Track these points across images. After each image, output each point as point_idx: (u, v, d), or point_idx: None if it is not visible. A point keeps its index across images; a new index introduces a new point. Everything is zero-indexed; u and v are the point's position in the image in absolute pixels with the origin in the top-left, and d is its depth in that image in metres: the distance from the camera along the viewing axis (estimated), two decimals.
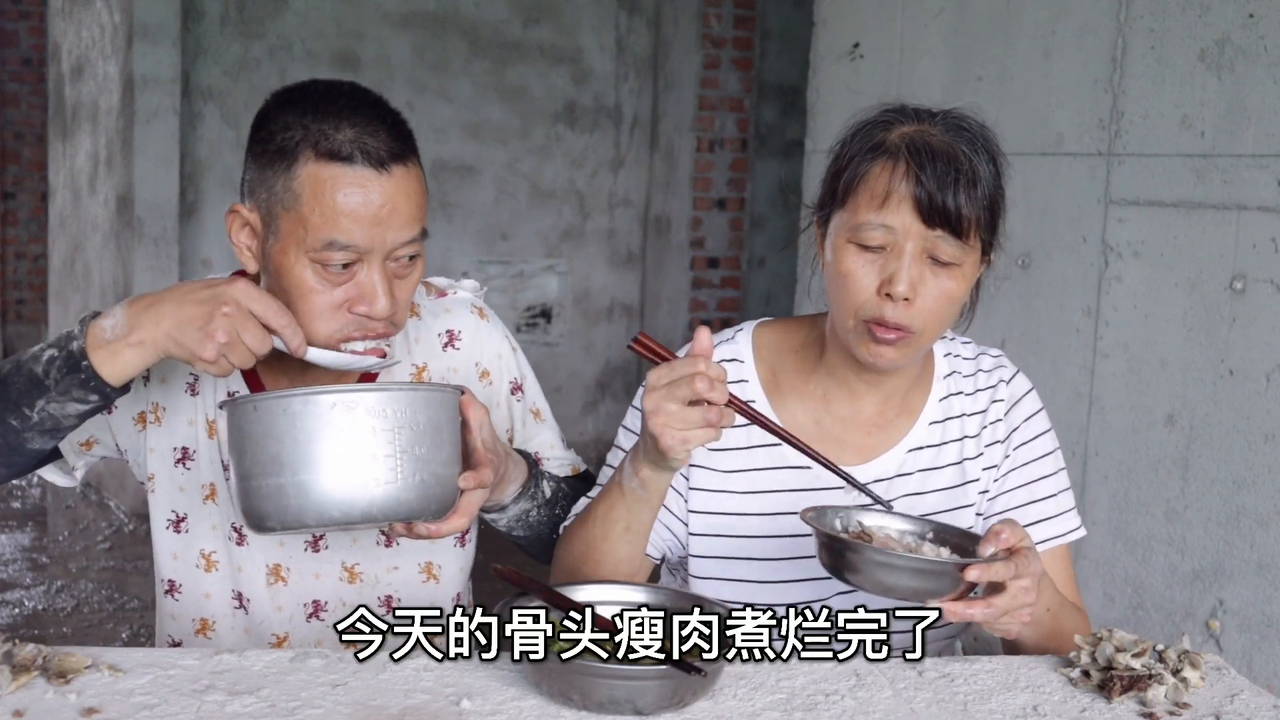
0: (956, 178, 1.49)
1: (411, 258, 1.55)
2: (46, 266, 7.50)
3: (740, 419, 1.49)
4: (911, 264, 1.49)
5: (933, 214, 1.48)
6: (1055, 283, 3.11)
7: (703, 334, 1.42)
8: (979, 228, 1.51)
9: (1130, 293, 2.93)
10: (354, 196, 1.48)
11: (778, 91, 6.57)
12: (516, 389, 1.80)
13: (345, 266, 1.50)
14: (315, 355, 1.50)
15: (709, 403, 1.40)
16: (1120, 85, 2.96)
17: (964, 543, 1.47)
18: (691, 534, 1.65)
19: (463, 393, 1.50)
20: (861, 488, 1.52)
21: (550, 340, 6.49)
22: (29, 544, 5.27)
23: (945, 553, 1.47)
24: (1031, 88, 3.20)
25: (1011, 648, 1.59)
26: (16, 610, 4.57)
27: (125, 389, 1.51)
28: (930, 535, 1.50)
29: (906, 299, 1.49)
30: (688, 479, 1.65)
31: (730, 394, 1.43)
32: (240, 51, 5.63)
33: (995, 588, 1.40)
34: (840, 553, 1.42)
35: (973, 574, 1.37)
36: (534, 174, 6.33)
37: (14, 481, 5.98)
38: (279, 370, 1.64)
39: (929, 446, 1.66)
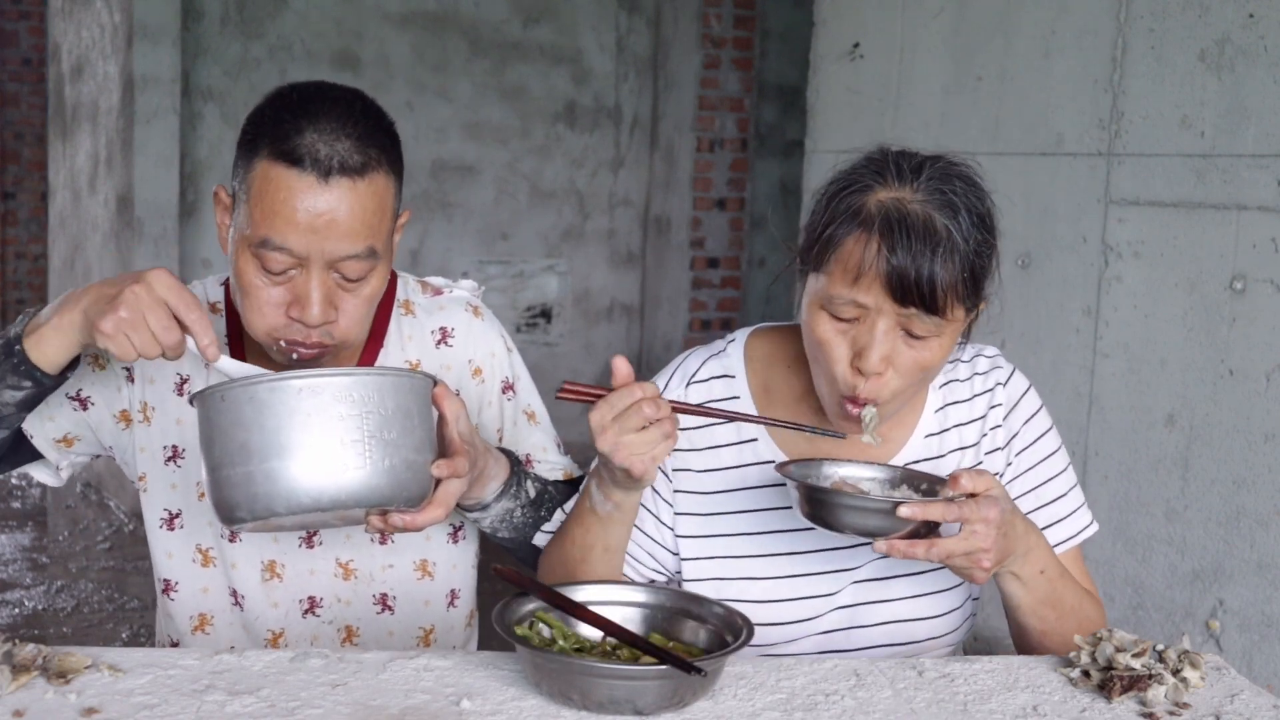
0: (932, 255, 1.44)
1: (359, 277, 1.53)
2: (46, 266, 7.50)
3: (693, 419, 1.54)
4: (883, 339, 1.47)
5: (906, 294, 1.45)
6: (1055, 283, 3.11)
7: (619, 362, 1.46)
8: (958, 299, 1.47)
9: (1130, 293, 2.93)
10: (292, 201, 1.47)
11: (778, 91, 6.58)
12: (508, 388, 1.79)
13: (284, 270, 1.50)
14: (225, 365, 1.49)
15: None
16: (1120, 85, 2.96)
17: (938, 489, 1.49)
18: (683, 559, 1.64)
19: (435, 384, 1.48)
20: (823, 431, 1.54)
21: (550, 340, 6.49)
22: (29, 544, 5.27)
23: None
24: (1031, 88, 3.20)
25: (1012, 614, 1.58)
26: (16, 610, 4.57)
27: (62, 378, 1.51)
28: (924, 486, 1.52)
29: (878, 373, 1.48)
30: (672, 505, 1.64)
31: (670, 401, 1.47)
32: (240, 51, 5.63)
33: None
34: (810, 498, 1.45)
35: (904, 510, 1.38)
36: (534, 174, 6.33)
37: (14, 481, 5.99)
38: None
39: (927, 459, 1.63)
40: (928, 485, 1.51)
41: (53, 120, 6.66)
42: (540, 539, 1.69)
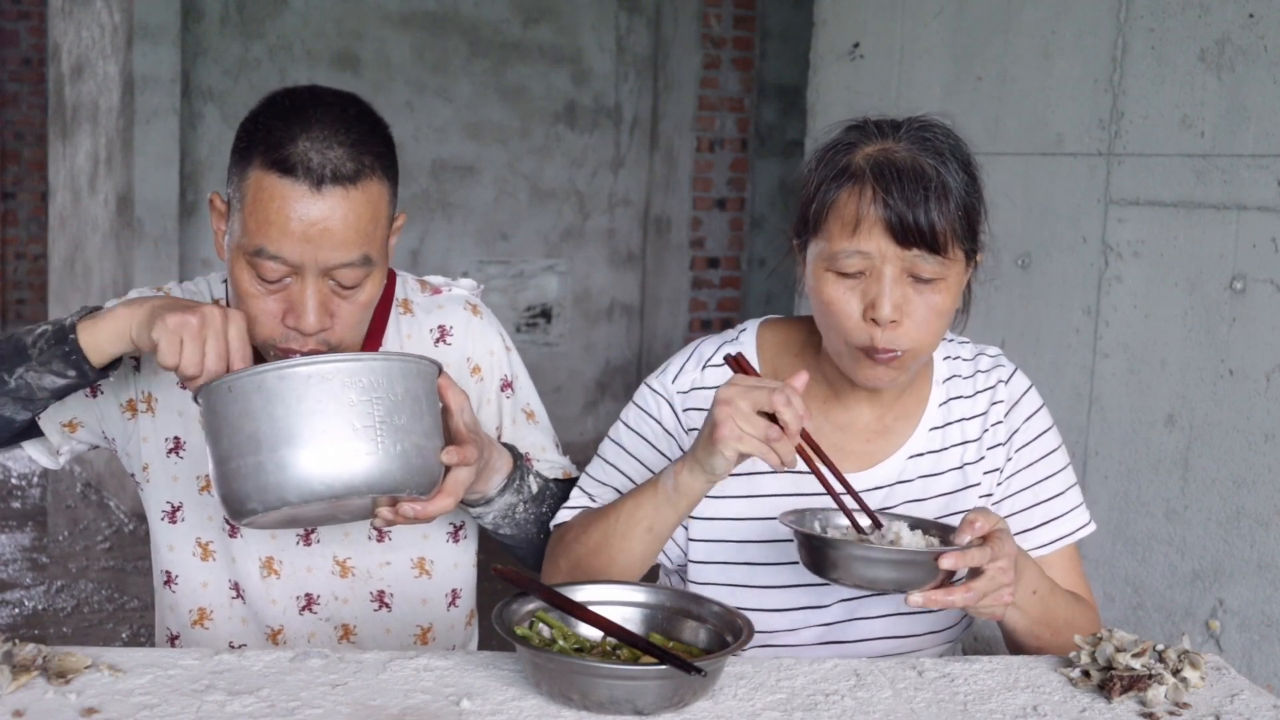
0: (926, 195, 1.47)
1: (354, 284, 1.53)
2: (46, 266, 7.51)
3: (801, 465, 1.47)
4: (893, 287, 1.48)
5: (906, 235, 1.46)
6: (1055, 283, 3.11)
7: (804, 375, 1.44)
8: (956, 238, 1.49)
9: (1130, 293, 2.93)
10: (285, 210, 1.47)
11: (778, 91, 6.58)
12: (506, 386, 1.79)
13: (279, 280, 1.50)
14: None
15: (778, 424, 1.40)
16: (1120, 85, 2.96)
17: (943, 535, 1.49)
18: (691, 539, 1.64)
19: (440, 372, 1.48)
20: (871, 514, 1.51)
21: (550, 340, 6.49)
22: (29, 544, 5.27)
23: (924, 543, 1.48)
24: (1031, 88, 3.20)
25: (1009, 638, 1.59)
26: (16, 610, 4.57)
27: (104, 373, 1.52)
28: (917, 532, 1.51)
29: (894, 321, 1.48)
30: None
31: (805, 433, 1.43)
32: (240, 51, 5.63)
33: (975, 573, 1.42)
34: (820, 551, 1.43)
35: (947, 562, 1.38)
36: (534, 174, 6.33)
37: (14, 482, 5.99)
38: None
39: (929, 452, 1.65)
40: (932, 531, 1.50)
41: (53, 120, 6.66)
42: (563, 515, 1.68)
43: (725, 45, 6.47)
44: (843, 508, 1.50)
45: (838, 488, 1.50)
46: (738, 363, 1.51)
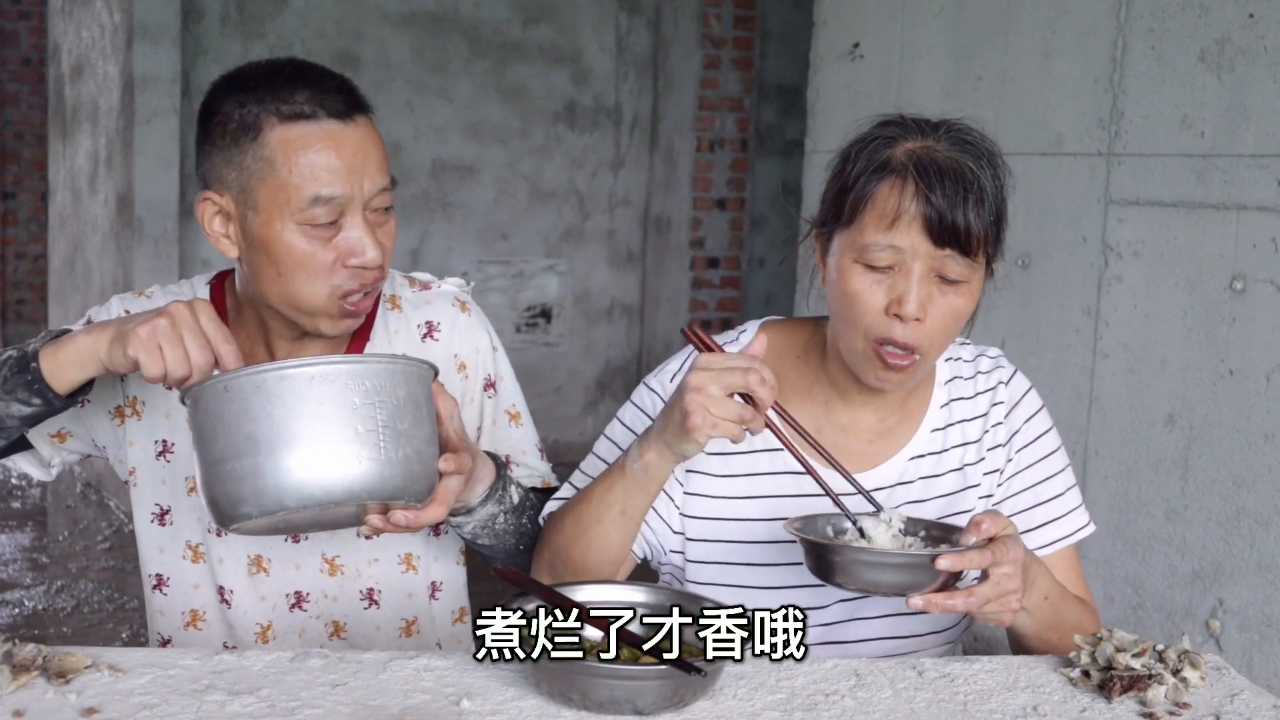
0: (965, 196, 1.47)
1: (388, 206, 1.58)
2: (46, 266, 7.50)
3: (768, 433, 1.49)
4: (920, 284, 1.48)
5: (943, 234, 1.47)
6: (1055, 283, 3.11)
7: (762, 339, 1.44)
8: (986, 243, 1.50)
9: (1130, 293, 2.93)
10: (328, 148, 1.51)
11: (778, 91, 6.58)
12: (489, 386, 1.78)
13: (331, 223, 1.52)
14: None
15: (750, 402, 1.41)
16: (1120, 85, 2.96)
17: (948, 536, 1.48)
18: (689, 539, 1.64)
19: (435, 375, 1.48)
20: (870, 499, 1.51)
21: (550, 340, 6.49)
22: (29, 544, 5.27)
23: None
24: (1031, 88, 3.20)
25: (1016, 640, 1.59)
26: (16, 610, 4.57)
27: (71, 400, 1.49)
28: (921, 533, 1.51)
29: (917, 319, 1.48)
30: (683, 485, 1.64)
31: (776, 403, 1.44)
32: (240, 51, 5.63)
33: (983, 577, 1.41)
34: (822, 556, 1.43)
35: (943, 563, 1.37)
36: (534, 174, 6.33)
37: (14, 481, 5.99)
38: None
39: (930, 454, 1.65)
40: (936, 532, 1.50)
41: (53, 120, 6.66)
42: (551, 505, 1.67)
43: (725, 45, 6.47)
44: (818, 480, 1.49)
45: (815, 465, 1.50)
46: (697, 336, 1.50)
